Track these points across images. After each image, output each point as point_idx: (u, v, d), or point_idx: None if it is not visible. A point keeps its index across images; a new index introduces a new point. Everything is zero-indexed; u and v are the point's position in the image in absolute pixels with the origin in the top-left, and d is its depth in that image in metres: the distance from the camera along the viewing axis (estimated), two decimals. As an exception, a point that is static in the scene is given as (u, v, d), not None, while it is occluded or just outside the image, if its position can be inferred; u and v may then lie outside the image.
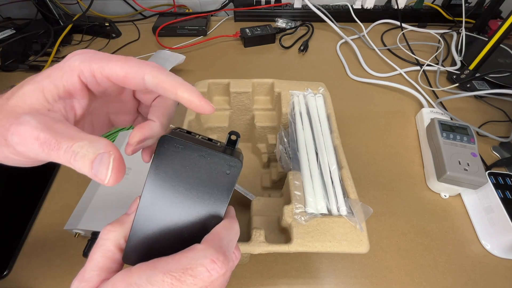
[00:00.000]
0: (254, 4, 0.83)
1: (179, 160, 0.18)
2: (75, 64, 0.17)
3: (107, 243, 0.18)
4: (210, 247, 0.17)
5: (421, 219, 0.42)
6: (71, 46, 0.74)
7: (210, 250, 0.17)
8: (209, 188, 0.19)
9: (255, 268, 0.37)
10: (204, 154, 0.18)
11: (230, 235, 0.19)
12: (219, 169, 0.18)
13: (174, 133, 0.19)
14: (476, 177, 0.40)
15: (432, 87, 0.63)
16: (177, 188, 0.18)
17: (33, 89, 0.17)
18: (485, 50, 0.56)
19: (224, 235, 0.18)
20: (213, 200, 0.19)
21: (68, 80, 0.17)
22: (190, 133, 0.20)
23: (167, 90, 0.18)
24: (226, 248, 0.18)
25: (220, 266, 0.16)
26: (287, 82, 0.44)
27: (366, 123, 0.56)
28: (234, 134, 0.20)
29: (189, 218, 0.19)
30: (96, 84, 0.18)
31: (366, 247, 0.28)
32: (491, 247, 0.39)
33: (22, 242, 0.39)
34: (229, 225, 0.19)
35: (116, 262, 0.18)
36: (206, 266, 0.16)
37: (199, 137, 0.20)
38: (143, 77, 0.17)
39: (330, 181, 0.33)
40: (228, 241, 0.18)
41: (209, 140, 0.20)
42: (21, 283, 0.36)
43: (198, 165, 0.18)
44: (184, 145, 0.18)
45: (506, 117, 0.57)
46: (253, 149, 0.50)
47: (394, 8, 0.81)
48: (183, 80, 0.18)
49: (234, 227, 0.19)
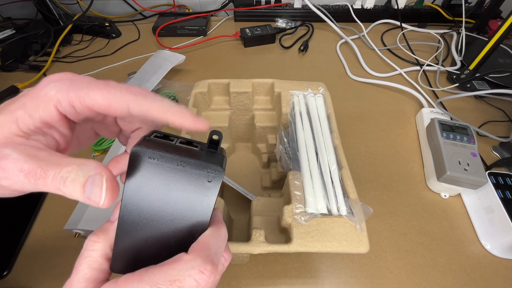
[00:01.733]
0: (254, 4, 0.83)
1: (156, 172, 0.17)
2: (51, 93, 0.16)
3: (93, 254, 0.17)
4: (198, 257, 0.16)
5: (421, 219, 0.42)
6: (71, 46, 0.74)
7: (198, 260, 0.16)
8: (191, 197, 0.18)
9: (255, 268, 0.37)
10: (182, 163, 0.17)
11: (217, 242, 0.18)
12: (199, 177, 0.17)
13: (147, 141, 0.17)
14: (476, 177, 0.40)
15: (432, 87, 0.63)
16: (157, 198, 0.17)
17: (6, 119, 0.16)
18: (485, 50, 0.56)
19: (211, 243, 0.18)
20: (197, 209, 0.18)
21: (44, 111, 0.16)
22: (167, 137, 0.18)
23: (156, 117, 0.17)
24: (214, 256, 0.17)
25: (208, 275, 0.16)
26: (287, 82, 0.44)
27: (366, 123, 0.56)
28: (216, 133, 0.18)
29: (174, 227, 0.18)
30: (76, 114, 0.17)
31: (366, 247, 0.28)
32: (491, 247, 0.39)
33: (22, 242, 0.39)
34: (216, 232, 0.19)
35: (104, 272, 0.18)
36: (194, 277, 0.16)
37: (177, 142, 0.18)
38: (127, 106, 0.16)
39: (330, 181, 0.33)
40: (216, 248, 0.18)
41: (188, 144, 0.18)
42: (21, 283, 0.36)
43: (177, 176, 0.17)
44: (159, 156, 0.16)
45: (506, 117, 0.57)
46: (253, 149, 0.50)
47: (394, 8, 0.81)
48: (170, 102, 0.17)
49: (221, 233, 0.19)
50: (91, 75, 0.65)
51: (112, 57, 0.71)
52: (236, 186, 0.39)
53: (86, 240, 0.18)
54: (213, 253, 0.17)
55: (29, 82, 0.62)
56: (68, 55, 0.71)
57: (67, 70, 0.66)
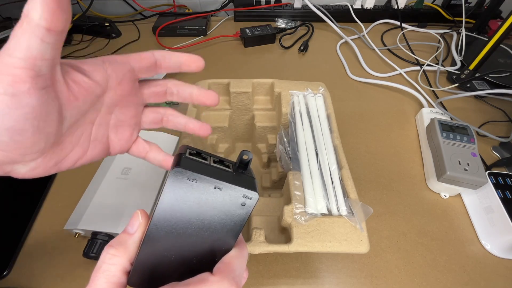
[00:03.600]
0: (254, 4, 0.83)
1: (193, 193, 0.17)
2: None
3: (112, 268, 0.17)
4: (224, 279, 0.17)
5: (421, 219, 0.42)
6: (71, 46, 0.74)
7: (224, 283, 0.16)
8: (222, 218, 0.18)
9: (255, 268, 0.37)
10: (219, 186, 0.17)
11: (241, 263, 0.19)
12: (234, 200, 0.18)
13: (185, 160, 0.17)
14: (476, 177, 0.40)
15: (432, 87, 0.63)
16: (189, 218, 0.18)
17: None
18: (485, 50, 0.56)
19: (236, 265, 0.18)
20: (225, 231, 0.18)
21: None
22: (200, 154, 0.19)
23: (172, 59, 0.24)
24: (239, 278, 0.17)
25: None
26: (287, 82, 0.44)
27: (366, 123, 0.56)
28: (246, 154, 0.18)
29: (199, 246, 0.18)
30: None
31: (366, 247, 0.28)
32: (491, 247, 0.39)
33: (22, 242, 0.39)
34: (240, 253, 0.19)
35: (121, 286, 0.18)
36: None
37: (210, 160, 0.18)
38: (153, 54, 0.23)
39: (330, 181, 0.33)
40: (240, 270, 0.18)
41: (220, 162, 0.19)
42: (21, 283, 0.36)
43: (212, 197, 0.17)
44: (198, 178, 0.17)
45: (506, 117, 0.57)
46: (253, 149, 0.50)
47: (394, 8, 0.81)
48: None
49: (244, 254, 0.19)
50: (91, 75, 0.65)
51: (112, 57, 0.71)
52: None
53: (103, 252, 0.18)
54: (237, 275, 0.17)
55: (29, 82, 0.61)
56: (68, 55, 0.71)
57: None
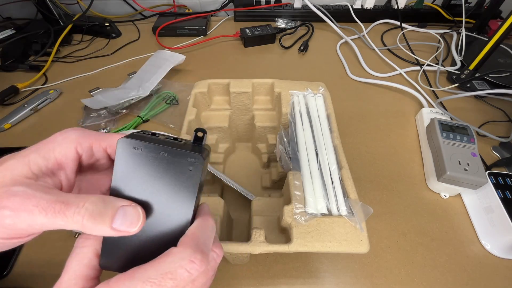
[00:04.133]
0: (254, 4, 0.83)
1: (140, 161, 0.17)
2: (72, 136, 0.18)
3: (84, 250, 0.18)
4: (187, 247, 0.17)
5: (421, 219, 0.42)
6: (71, 46, 0.74)
7: (187, 251, 0.16)
8: (175, 187, 0.18)
9: (255, 268, 0.37)
10: (164, 152, 0.17)
11: (205, 233, 0.18)
12: (181, 166, 0.17)
13: (134, 135, 0.18)
14: (476, 177, 0.40)
15: (432, 87, 0.63)
16: (144, 190, 0.18)
17: (16, 162, 0.16)
18: (485, 50, 0.56)
19: (199, 234, 0.18)
20: (181, 200, 0.18)
21: (61, 152, 0.18)
22: (154, 135, 0.19)
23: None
24: (204, 246, 0.17)
25: (199, 264, 0.16)
26: (287, 82, 0.44)
27: (366, 123, 0.55)
28: (200, 130, 0.19)
29: (160, 220, 0.18)
30: (90, 155, 0.19)
31: (366, 247, 0.28)
32: (491, 247, 0.39)
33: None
34: (203, 223, 0.19)
35: (94, 269, 0.18)
36: (185, 267, 0.16)
37: (162, 138, 0.19)
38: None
39: (330, 181, 0.33)
40: (204, 239, 0.18)
41: (174, 140, 0.19)
42: (21, 283, 0.36)
43: (160, 164, 0.17)
44: (143, 146, 0.17)
45: (506, 117, 0.57)
46: (253, 149, 0.50)
47: (394, 8, 0.81)
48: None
49: (208, 225, 0.19)
50: (91, 75, 0.66)
51: (112, 57, 0.71)
52: (236, 186, 0.39)
53: (77, 239, 0.18)
54: (201, 243, 0.17)
55: (29, 82, 0.62)
56: (68, 55, 0.71)
57: (67, 70, 0.66)
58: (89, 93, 0.58)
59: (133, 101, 0.56)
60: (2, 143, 0.51)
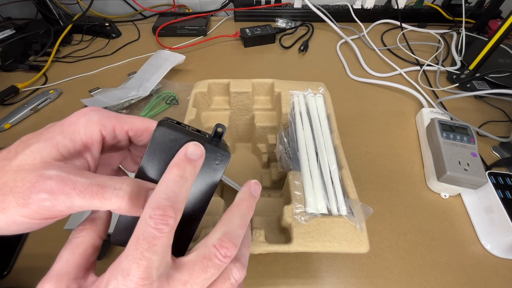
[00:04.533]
0: (254, 4, 0.83)
1: (171, 150, 0.18)
2: (95, 118, 0.18)
3: (78, 240, 0.17)
4: (147, 207, 0.15)
5: (421, 219, 0.42)
6: (71, 46, 0.74)
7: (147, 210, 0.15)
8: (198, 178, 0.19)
9: (255, 268, 0.37)
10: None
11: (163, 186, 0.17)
12: (210, 159, 0.19)
13: (167, 123, 0.19)
14: (476, 177, 0.40)
15: (432, 87, 0.63)
16: None
17: (44, 145, 0.17)
18: (485, 50, 0.56)
19: (158, 189, 0.16)
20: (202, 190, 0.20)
21: (86, 134, 0.18)
22: (180, 124, 0.20)
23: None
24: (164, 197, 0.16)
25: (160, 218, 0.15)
26: (287, 82, 0.44)
27: (366, 123, 0.56)
28: (220, 126, 0.20)
29: None
30: (113, 137, 0.20)
31: (366, 247, 0.28)
32: (491, 247, 0.39)
33: (22, 242, 0.39)
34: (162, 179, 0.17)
35: (88, 260, 0.17)
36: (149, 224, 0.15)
37: (189, 129, 0.20)
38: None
39: (330, 181, 0.33)
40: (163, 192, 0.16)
41: (198, 132, 0.20)
42: (21, 283, 0.36)
43: None
44: (178, 136, 0.18)
45: (506, 117, 0.57)
46: (253, 149, 0.50)
47: (394, 8, 0.81)
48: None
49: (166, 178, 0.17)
50: (91, 75, 0.66)
51: (112, 57, 0.71)
52: (236, 186, 0.39)
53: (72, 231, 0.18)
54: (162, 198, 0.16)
55: (29, 82, 0.62)
56: (68, 55, 0.71)
57: (67, 70, 0.66)
58: (89, 93, 0.58)
59: (133, 101, 0.56)
60: (2, 143, 0.51)
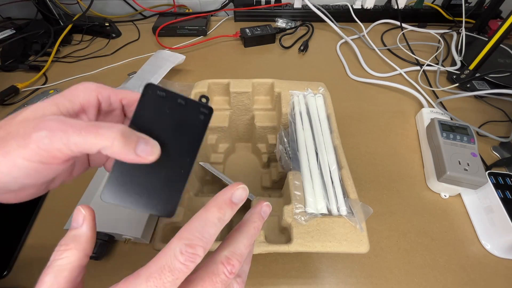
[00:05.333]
0: (254, 4, 0.83)
1: (160, 104, 0.20)
2: (93, 87, 0.21)
3: (62, 262, 0.17)
4: (180, 239, 0.16)
5: (421, 219, 0.42)
6: (71, 46, 0.74)
7: (179, 243, 0.16)
8: (185, 129, 0.20)
9: (255, 268, 0.37)
10: (181, 100, 0.20)
11: (200, 224, 0.17)
12: (194, 114, 0.21)
13: (154, 84, 0.20)
14: (476, 177, 0.40)
15: (432, 87, 0.63)
16: (158, 129, 0.20)
17: (44, 104, 0.18)
18: (485, 50, 0.56)
19: (195, 225, 0.17)
20: (187, 143, 0.21)
21: (84, 97, 0.20)
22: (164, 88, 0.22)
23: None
24: (194, 238, 0.16)
25: (189, 256, 0.16)
26: (287, 82, 0.44)
27: (366, 123, 0.55)
28: (204, 97, 0.21)
29: (166, 158, 0.20)
30: (108, 105, 0.22)
31: (366, 247, 0.28)
32: (491, 247, 0.39)
33: (22, 242, 0.39)
34: (202, 214, 0.18)
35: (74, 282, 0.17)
36: (178, 259, 0.16)
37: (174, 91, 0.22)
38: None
39: (330, 181, 0.33)
40: (199, 230, 0.17)
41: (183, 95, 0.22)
42: (21, 283, 0.36)
43: (176, 110, 0.20)
44: (165, 92, 0.20)
45: (506, 117, 0.57)
46: (253, 149, 0.50)
47: (394, 8, 0.81)
48: None
49: (207, 217, 0.18)
50: (91, 75, 0.66)
51: (112, 57, 0.71)
52: (228, 180, 0.39)
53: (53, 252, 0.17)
54: (195, 235, 0.16)
55: (29, 82, 0.62)
56: (68, 55, 0.71)
57: (67, 70, 0.66)
58: (89, 93, 0.58)
59: (133, 101, 0.56)
60: (2, 143, 0.51)
